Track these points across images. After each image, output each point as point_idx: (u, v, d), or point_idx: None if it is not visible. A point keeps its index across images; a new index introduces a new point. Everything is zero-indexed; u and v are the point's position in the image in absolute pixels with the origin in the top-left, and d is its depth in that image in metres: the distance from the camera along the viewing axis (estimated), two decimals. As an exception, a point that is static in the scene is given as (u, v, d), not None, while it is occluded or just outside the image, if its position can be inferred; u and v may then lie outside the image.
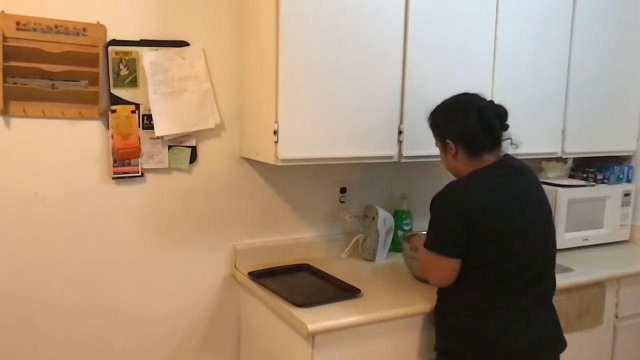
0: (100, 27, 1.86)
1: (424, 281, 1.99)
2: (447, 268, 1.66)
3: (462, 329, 1.69)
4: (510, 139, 1.75)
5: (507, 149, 1.76)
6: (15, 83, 1.76)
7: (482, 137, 1.69)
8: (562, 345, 1.76)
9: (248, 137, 2.08)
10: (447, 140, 1.74)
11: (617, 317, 2.31)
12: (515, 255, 1.64)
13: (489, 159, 1.71)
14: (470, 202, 1.62)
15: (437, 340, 1.78)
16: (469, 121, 1.69)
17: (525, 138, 2.29)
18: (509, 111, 1.72)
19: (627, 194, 2.64)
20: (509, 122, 1.72)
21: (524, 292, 1.66)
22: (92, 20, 1.85)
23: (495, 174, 1.69)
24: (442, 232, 1.68)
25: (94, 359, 1.99)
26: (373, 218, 2.24)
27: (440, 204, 1.69)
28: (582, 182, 2.62)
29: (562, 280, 2.09)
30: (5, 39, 1.72)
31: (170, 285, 2.08)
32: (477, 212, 1.61)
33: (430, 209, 1.72)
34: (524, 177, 1.75)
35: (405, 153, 2.05)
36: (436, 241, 1.68)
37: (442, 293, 1.76)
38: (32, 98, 1.79)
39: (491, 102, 1.74)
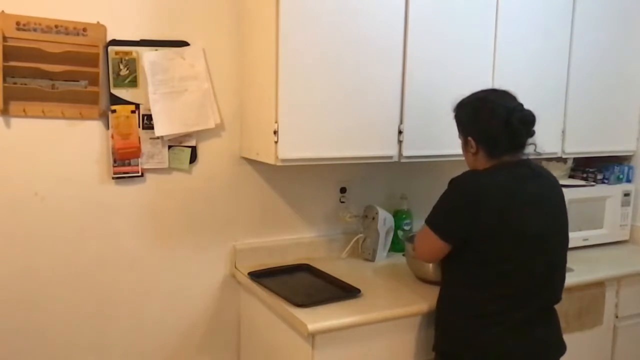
0: (100, 27, 1.86)
1: (425, 281, 1.99)
2: (435, 248, 1.68)
3: (462, 331, 1.67)
4: (535, 144, 1.69)
5: (530, 154, 1.71)
6: (15, 83, 1.76)
7: (504, 142, 1.64)
8: (561, 351, 1.74)
9: (248, 137, 2.08)
10: (469, 138, 1.69)
11: (617, 317, 2.31)
12: (520, 259, 1.60)
13: (508, 160, 1.66)
14: (481, 195, 1.59)
15: (436, 340, 1.77)
16: (493, 124, 1.63)
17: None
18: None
19: (627, 194, 2.64)
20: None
21: (527, 299, 1.62)
22: (92, 20, 1.85)
23: (512, 174, 1.64)
24: (446, 214, 1.67)
25: (93, 358, 1.99)
26: (373, 218, 2.24)
27: (453, 188, 1.66)
28: (582, 182, 2.62)
29: (562, 280, 2.10)
30: (5, 39, 1.73)
31: (170, 285, 2.08)
32: (486, 207, 1.58)
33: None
34: (542, 181, 1.70)
35: (405, 153, 2.05)
36: (437, 220, 1.68)
37: (445, 292, 1.74)
38: (32, 98, 1.79)
39: (520, 105, 1.66)
